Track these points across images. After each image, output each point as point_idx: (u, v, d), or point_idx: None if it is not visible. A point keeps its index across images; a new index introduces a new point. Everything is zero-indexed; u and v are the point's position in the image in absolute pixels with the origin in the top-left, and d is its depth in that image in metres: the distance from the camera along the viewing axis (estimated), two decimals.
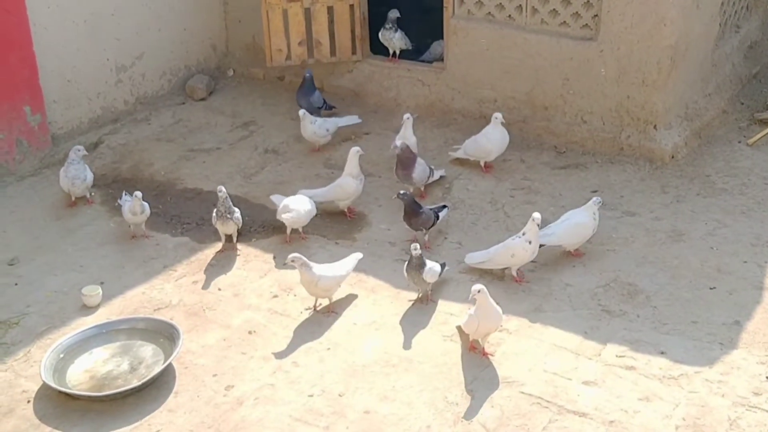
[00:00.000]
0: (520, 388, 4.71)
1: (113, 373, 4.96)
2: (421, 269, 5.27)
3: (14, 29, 6.96)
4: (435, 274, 5.36)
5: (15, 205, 6.85)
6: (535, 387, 4.70)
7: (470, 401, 4.63)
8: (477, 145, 6.79)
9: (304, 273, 5.30)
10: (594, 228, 5.72)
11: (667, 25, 6.55)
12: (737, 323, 5.13)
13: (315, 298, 5.46)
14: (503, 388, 4.71)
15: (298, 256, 5.30)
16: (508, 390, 4.70)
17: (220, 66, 8.90)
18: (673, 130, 6.94)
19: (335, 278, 5.38)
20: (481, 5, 7.33)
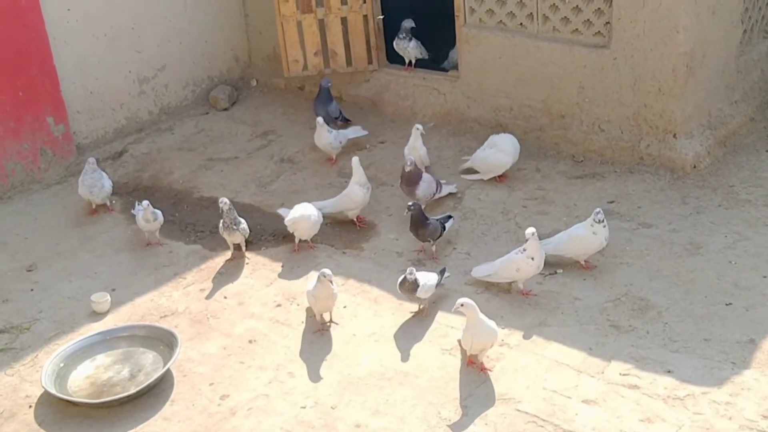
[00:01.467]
0: (516, 406, 4.40)
1: (113, 380, 4.82)
2: (414, 290, 5.01)
3: (33, 44, 6.90)
4: (430, 289, 5.08)
5: (39, 212, 6.78)
6: (532, 405, 4.39)
7: (464, 418, 4.35)
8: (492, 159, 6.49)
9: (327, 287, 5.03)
10: (599, 240, 5.34)
11: (680, 32, 6.17)
12: (752, 341, 4.74)
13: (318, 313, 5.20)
14: (499, 405, 4.41)
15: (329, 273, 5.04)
16: (504, 407, 4.40)
17: (244, 76, 8.73)
18: (695, 138, 6.55)
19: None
20: (492, 13, 7.03)
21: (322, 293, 5.04)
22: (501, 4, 6.99)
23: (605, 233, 5.36)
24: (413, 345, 4.95)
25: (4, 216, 6.70)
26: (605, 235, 5.38)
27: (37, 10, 6.85)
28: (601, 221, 5.33)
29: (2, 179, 6.91)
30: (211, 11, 8.29)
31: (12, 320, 5.42)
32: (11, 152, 6.93)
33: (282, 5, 7.73)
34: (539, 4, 6.78)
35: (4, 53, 6.72)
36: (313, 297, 5.09)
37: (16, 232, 6.47)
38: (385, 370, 4.76)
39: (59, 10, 7.13)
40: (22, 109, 6.93)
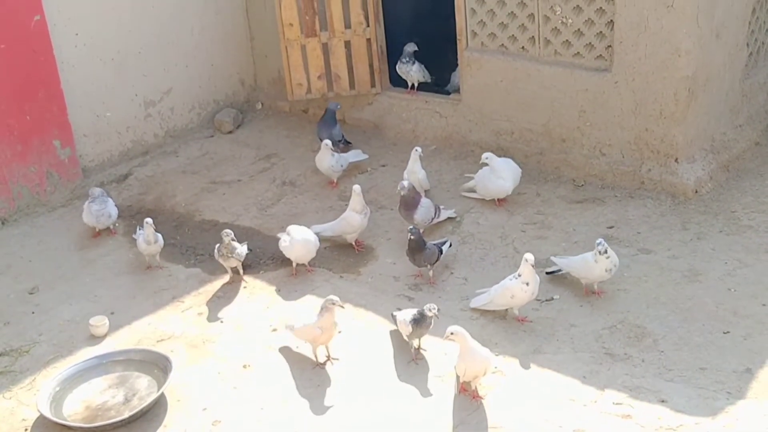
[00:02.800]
0: None
1: (108, 404, 4.81)
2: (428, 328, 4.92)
3: (41, 68, 6.94)
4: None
5: (43, 234, 6.80)
6: None
7: None
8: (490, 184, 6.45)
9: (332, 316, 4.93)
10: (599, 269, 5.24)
11: (682, 56, 6.12)
12: (748, 371, 4.66)
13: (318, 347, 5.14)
14: None
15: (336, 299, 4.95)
16: None
17: (249, 99, 8.76)
18: (697, 163, 6.48)
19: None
20: (494, 37, 7.01)
21: (328, 322, 4.93)
22: (503, 27, 6.97)
23: (606, 264, 5.22)
24: (406, 371, 4.91)
25: (9, 238, 6.73)
26: (605, 266, 5.22)
27: (45, 35, 6.91)
28: (603, 252, 5.20)
29: (8, 202, 6.95)
30: (217, 35, 8.34)
31: (12, 343, 5.43)
32: (18, 175, 6.97)
33: (287, 29, 7.75)
34: (541, 27, 6.76)
35: (13, 78, 6.78)
36: (319, 329, 4.91)
37: (20, 255, 6.50)
38: (377, 395, 4.72)
39: (67, 34, 7.18)
40: (30, 133, 6.97)
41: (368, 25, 7.72)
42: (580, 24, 6.56)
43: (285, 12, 7.69)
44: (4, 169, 6.86)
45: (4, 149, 6.84)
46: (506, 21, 6.92)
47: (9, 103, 6.79)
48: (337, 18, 7.66)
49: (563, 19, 6.62)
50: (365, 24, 7.71)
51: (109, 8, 7.39)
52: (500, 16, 6.94)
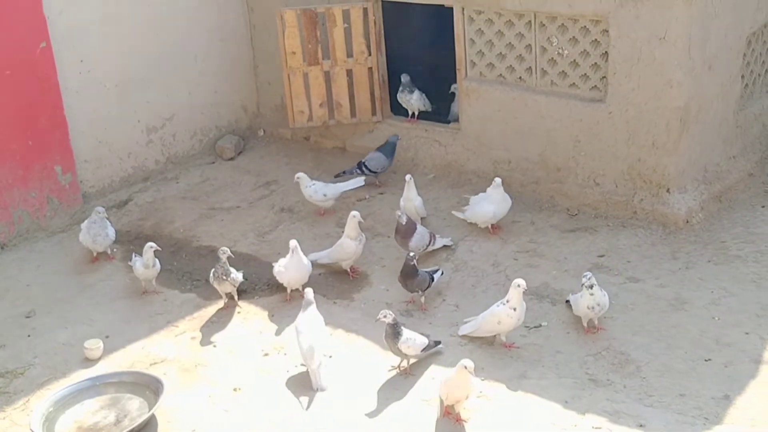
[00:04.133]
0: None
1: (99, 424, 5.14)
2: (396, 338, 5.28)
3: (45, 94, 7.39)
4: (415, 347, 5.34)
5: (42, 259, 7.18)
6: None
7: None
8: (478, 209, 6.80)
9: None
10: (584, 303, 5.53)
11: (674, 87, 6.48)
12: (726, 398, 4.96)
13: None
14: None
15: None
16: None
17: (252, 126, 9.18)
18: (689, 193, 6.81)
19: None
20: (493, 67, 7.41)
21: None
22: (501, 58, 7.36)
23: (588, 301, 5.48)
24: (394, 394, 5.23)
25: (8, 263, 7.12)
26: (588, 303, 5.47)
27: (50, 62, 7.36)
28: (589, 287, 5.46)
29: (9, 226, 7.35)
30: (221, 63, 8.78)
31: (7, 365, 5.78)
32: (19, 200, 7.38)
33: (289, 57, 8.18)
34: (538, 58, 7.15)
35: (17, 104, 7.21)
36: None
37: (18, 279, 6.88)
38: (363, 418, 5.05)
39: (72, 61, 7.64)
40: (31, 158, 7.40)
41: (370, 54, 8.14)
42: (576, 55, 6.94)
43: (288, 40, 8.12)
44: (5, 194, 7.28)
45: (5, 174, 7.26)
46: (504, 51, 7.32)
47: (12, 128, 7.23)
48: (339, 47, 8.08)
49: (560, 50, 7.00)
50: (367, 53, 8.13)
51: (113, 36, 7.85)
52: (498, 47, 7.34)
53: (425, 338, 5.43)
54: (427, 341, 5.43)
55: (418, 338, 5.38)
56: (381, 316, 5.28)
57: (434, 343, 5.52)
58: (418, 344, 5.35)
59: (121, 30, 7.91)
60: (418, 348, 5.35)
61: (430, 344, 5.46)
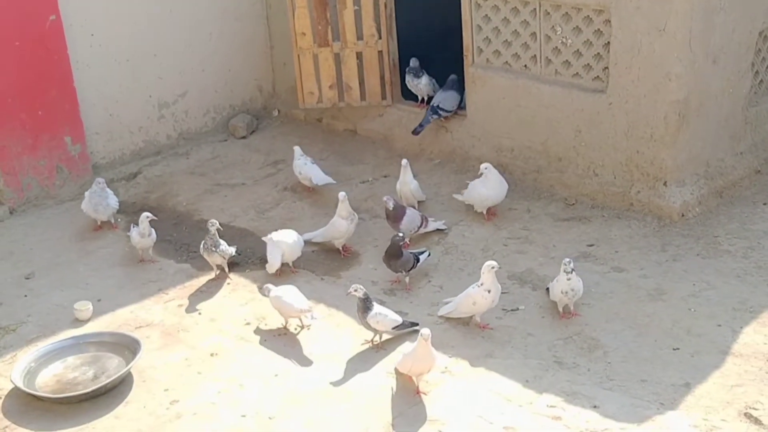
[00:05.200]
0: (441, 428, 5.05)
1: (77, 379, 5.66)
2: (366, 312, 5.68)
3: (55, 66, 7.97)
4: (385, 323, 5.71)
5: (48, 225, 7.79)
6: (456, 428, 5.04)
7: None
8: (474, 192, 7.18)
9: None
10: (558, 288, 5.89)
11: (673, 80, 6.77)
12: (687, 385, 5.27)
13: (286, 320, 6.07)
14: (425, 427, 5.06)
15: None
16: (430, 428, 5.05)
17: (267, 106, 9.69)
18: (686, 187, 7.09)
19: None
20: (499, 54, 7.77)
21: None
22: (507, 45, 7.72)
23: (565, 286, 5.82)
24: (362, 367, 5.65)
25: (15, 227, 7.74)
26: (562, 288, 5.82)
27: (60, 35, 7.93)
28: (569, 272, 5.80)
29: (18, 193, 7.96)
30: (236, 42, 9.29)
31: (1, 322, 6.36)
32: (28, 168, 7.99)
33: (299, 38, 8.65)
34: (543, 46, 7.49)
35: (26, 75, 7.80)
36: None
37: (23, 243, 7.49)
38: (330, 387, 5.48)
39: (83, 34, 8.22)
40: (41, 128, 7.99)
41: (380, 37, 8.56)
42: (579, 45, 7.27)
43: (298, 21, 8.59)
44: (15, 162, 7.89)
45: (15, 142, 7.86)
46: (510, 39, 7.68)
47: (22, 99, 7.82)
48: (349, 29, 8.53)
49: (563, 39, 7.34)
50: (377, 36, 8.56)
51: (125, 10, 8.42)
52: (505, 34, 7.70)
53: (399, 317, 5.81)
54: (401, 321, 5.81)
55: (390, 315, 5.78)
56: (352, 289, 5.70)
57: (409, 324, 5.89)
58: (389, 321, 5.74)
59: (134, 6, 8.47)
60: (388, 325, 5.75)
61: (404, 324, 5.83)
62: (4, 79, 7.70)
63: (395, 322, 5.79)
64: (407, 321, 5.91)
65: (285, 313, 6.02)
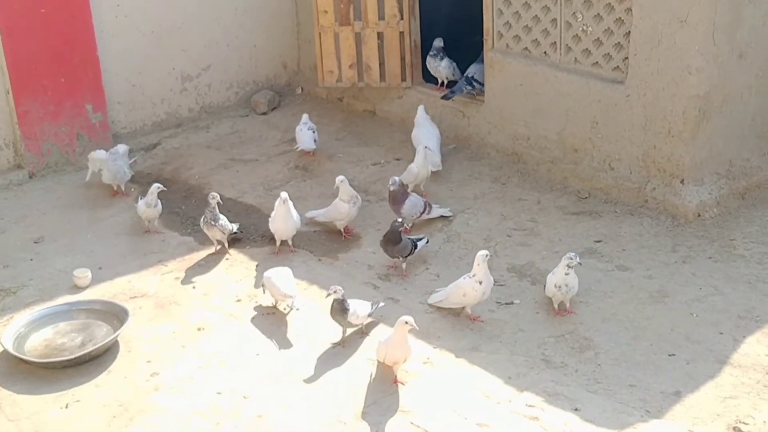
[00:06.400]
0: (412, 419, 4.80)
1: (65, 345, 5.54)
2: (345, 313, 5.39)
3: (79, 35, 7.85)
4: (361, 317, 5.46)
5: (64, 191, 7.69)
6: (427, 420, 4.78)
7: (357, 422, 4.79)
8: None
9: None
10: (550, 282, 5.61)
11: (693, 74, 6.36)
12: (677, 394, 4.93)
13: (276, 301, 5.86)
14: (396, 417, 4.82)
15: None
16: (400, 418, 4.81)
17: (290, 83, 9.47)
18: (704, 186, 6.68)
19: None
20: (519, 40, 7.42)
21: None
22: (527, 30, 7.37)
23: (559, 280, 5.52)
24: (345, 352, 5.41)
25: (32, 191, 7.66)
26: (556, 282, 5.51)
27: (86, 3, 7.81)
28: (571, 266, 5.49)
29: (38, 158, 7.87)
30: (262, 17, 9.07)
31: (4, 284, 6.26)
32: (49, 134, 7.89)
33: (321, 16, 8.40)
34: (563, 33, 7.12)
35: (51, 42, 7.69)
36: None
37: (37, 207, 7.39)
38: (308, 370, 5.26)
39: (109, 4, 8.08)
40: (63, 95, 7.89)
41: (402, 18, 8.26)
42: (600, 33, 6.89)
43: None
44: (36, 127, 7.79)
45: (37, 108, 7.77)
46: (531, 24, 7.33)
47: (45, 65, 7.71)
48: (371, 9, 8.24)
49: (584, 26, 6.96)
50: (399, 17, 8.26)
51: None
52: (525, 19, 7.35)
53: (367, 303, 5.55)
54: (370, 305, 5.55)
55: (361, 306, 5.48)
56: (331, 291, 5.38)
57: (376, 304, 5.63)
58: (363, 311, 5.47)
59: None
60: (364, 315, 5.49)
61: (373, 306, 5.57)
62: (29, 45, 7.60)
63: (367, 309, 5.53)
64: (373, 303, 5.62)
65: (273, 294, 5.81)
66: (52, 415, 4.93)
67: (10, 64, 7.54)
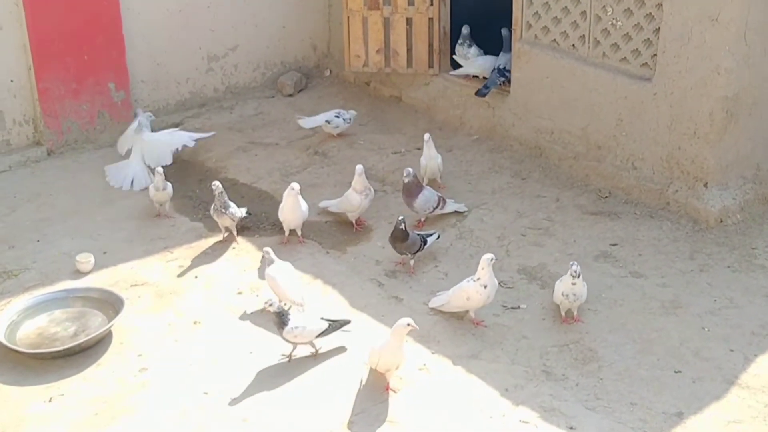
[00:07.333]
0: (400, 431, 4.59)
1: (58, 334, 5.40)
2: (281, 328, 5.04)
3: (104, 12, 7.69)
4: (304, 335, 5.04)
5: (81, 170, 7.56)
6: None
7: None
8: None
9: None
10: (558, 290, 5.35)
11: (722, 74, 6.00)
12: (679, 415, 4.66)
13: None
14: (384, 427, 4.63)
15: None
16: (388, 429, 4.61)
17: (320, 65, 9.24)
18: (729, 191, 6.33)
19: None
20: (547, 31, 7.09)
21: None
22: (556, 22, 7.04)
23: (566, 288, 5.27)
24: (341, 355, 5.21)
25: (49, 169, 7.55)
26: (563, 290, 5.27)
27: None
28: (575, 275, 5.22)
29: (58, 135, 7.78)
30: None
31: (7, 266, 6.15)
32: (69, 111, 7.77)
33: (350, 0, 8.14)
34: (592, 26, 6.78)
35: (74, 19, 7.54)
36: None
37: (52, 185, 7.26)
38: (300, 373, 5.07)
39: None
40: (85, 73, 7.75)
41: (432, 4, 7.97)
42: (629, 28, 6.54)
43: None
44: (57, 104, 7.68)
45: (58, 85, 7.65)
46: (560, 16, 6.99)
47: (68, 42, 7.57)
48: None
49: (613, 20, 6.62)
50: (429, 2, 7.97)
51: None
52: (554, 10, 7.02)
53: (323, 323, 5.12)
54: (326, 326, 5.11)
55: (311, 325, 5.07)
56: (266, 305, 5.05)
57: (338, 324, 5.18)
58: (309, 332, 5.05)
59: None
60: (308, 335, 5.06)
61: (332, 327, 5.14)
62: (52, 21, 7.46)
63: (318, 330, 5.08)
64: (335, 321, 5.20)
65: (277, 295, 5.61)
66: (35, 409, 4.81)
67: (33, 40, 7.43)
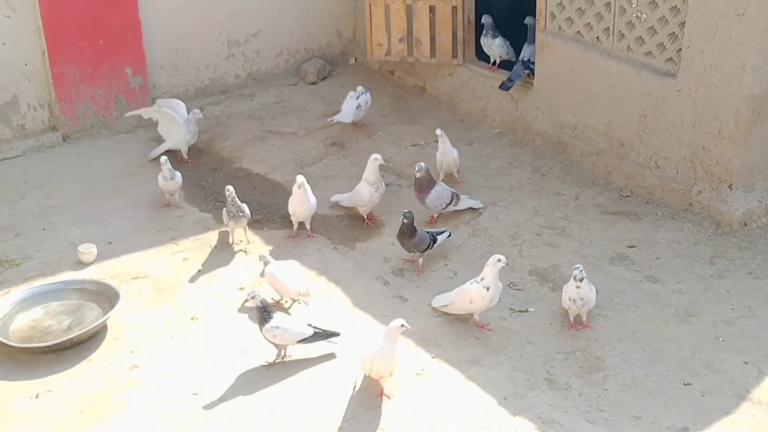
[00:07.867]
0: None
1: (51, 328, 5.32)
2: (261, 324, 4.90)
3: None
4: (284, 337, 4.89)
5: (95, 156, 7.50)
6: None
7: None
8: None
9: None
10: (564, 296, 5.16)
11: (748, 72, 5.72)
12: (685, 430, 4.46)
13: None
14: None
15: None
16: None
17: (345, 53, 9.08)
18: (754, 193, 6.07)
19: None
20: (572, 23, 6.85)
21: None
22: (580, 13, 6.80)
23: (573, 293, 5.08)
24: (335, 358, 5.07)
25: (63, 155, 7.49)
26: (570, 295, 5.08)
27: None
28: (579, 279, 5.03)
29: (73, 121, 7.74)
30: None
31: (10, 254, 6.10)
32: (85, 96, 7.72)
33: None
34: (616, 18, 6.53)
35: (90, 2, 7.46)
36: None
37: (64, 172, 7.21)
38: (294, 375, 4.94)
39: None
40: (101, 57, 7.69)
41: None
42: (654, 21, 6.28)
43: None
44: (72, 89, 7.64)
45: (73, 70, 7.59)
46: (584, 7, 6.75)
47: (83, 27, 7.51)
48: None
49: (638, 12, 6.36)
50: None
51: None
52: (579, 1, 6.77)
53: (309, 329, 4.97)
54: (310, 333, 4.96)
55: (294, 328, 4.93)
56: (249, 297, 4.92)
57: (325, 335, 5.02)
58: (290, 335, 4.90)
59: None
60: (289, 339, 4.91)
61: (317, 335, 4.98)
62: (66, 3, 7.40)
63: (300, 335, 4.92)
64: (323, 331, 5.03)
65: (279, 291, 5.51)
66: (20, 405, 4.75)
67: (47, 24, 7.37)
